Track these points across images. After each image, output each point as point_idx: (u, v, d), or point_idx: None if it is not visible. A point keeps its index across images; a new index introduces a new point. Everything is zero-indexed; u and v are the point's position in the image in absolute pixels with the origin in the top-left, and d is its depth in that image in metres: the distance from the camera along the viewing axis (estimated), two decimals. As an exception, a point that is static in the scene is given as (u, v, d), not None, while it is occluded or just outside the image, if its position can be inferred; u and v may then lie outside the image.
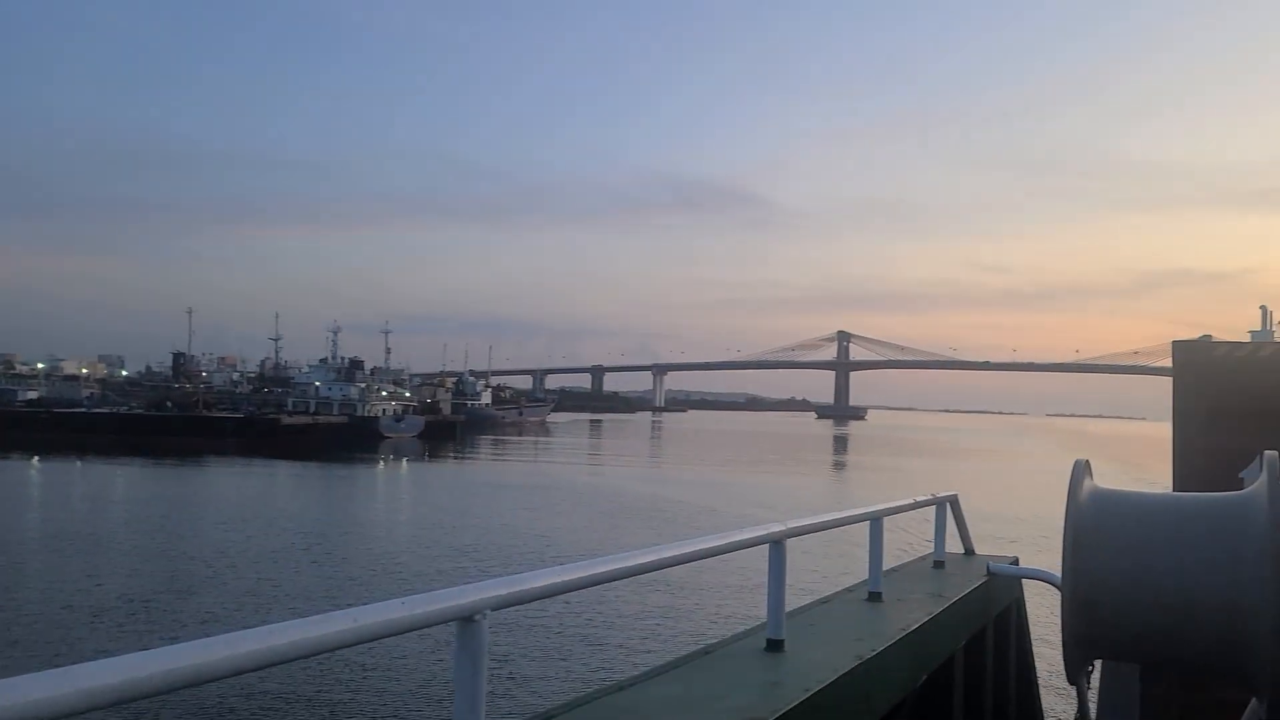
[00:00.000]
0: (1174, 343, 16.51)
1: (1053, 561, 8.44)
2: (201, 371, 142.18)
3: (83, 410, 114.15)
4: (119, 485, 57.49)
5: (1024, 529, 38.75)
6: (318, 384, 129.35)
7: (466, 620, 3.95)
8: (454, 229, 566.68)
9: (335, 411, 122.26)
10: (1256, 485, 5.93)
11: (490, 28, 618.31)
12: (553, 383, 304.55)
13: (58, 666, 2.63)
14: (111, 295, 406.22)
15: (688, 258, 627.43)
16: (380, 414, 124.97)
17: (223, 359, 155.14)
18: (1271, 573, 5.52)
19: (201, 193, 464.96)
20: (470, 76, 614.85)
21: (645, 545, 5.79)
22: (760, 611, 7.19)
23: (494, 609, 4.07)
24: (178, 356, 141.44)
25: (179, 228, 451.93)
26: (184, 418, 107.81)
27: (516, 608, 4.68)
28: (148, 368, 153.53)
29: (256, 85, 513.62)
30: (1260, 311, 20.07)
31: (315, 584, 27.87)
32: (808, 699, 5.73)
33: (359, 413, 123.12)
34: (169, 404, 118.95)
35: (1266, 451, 5.91)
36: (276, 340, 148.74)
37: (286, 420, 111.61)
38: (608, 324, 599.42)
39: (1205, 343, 16.55)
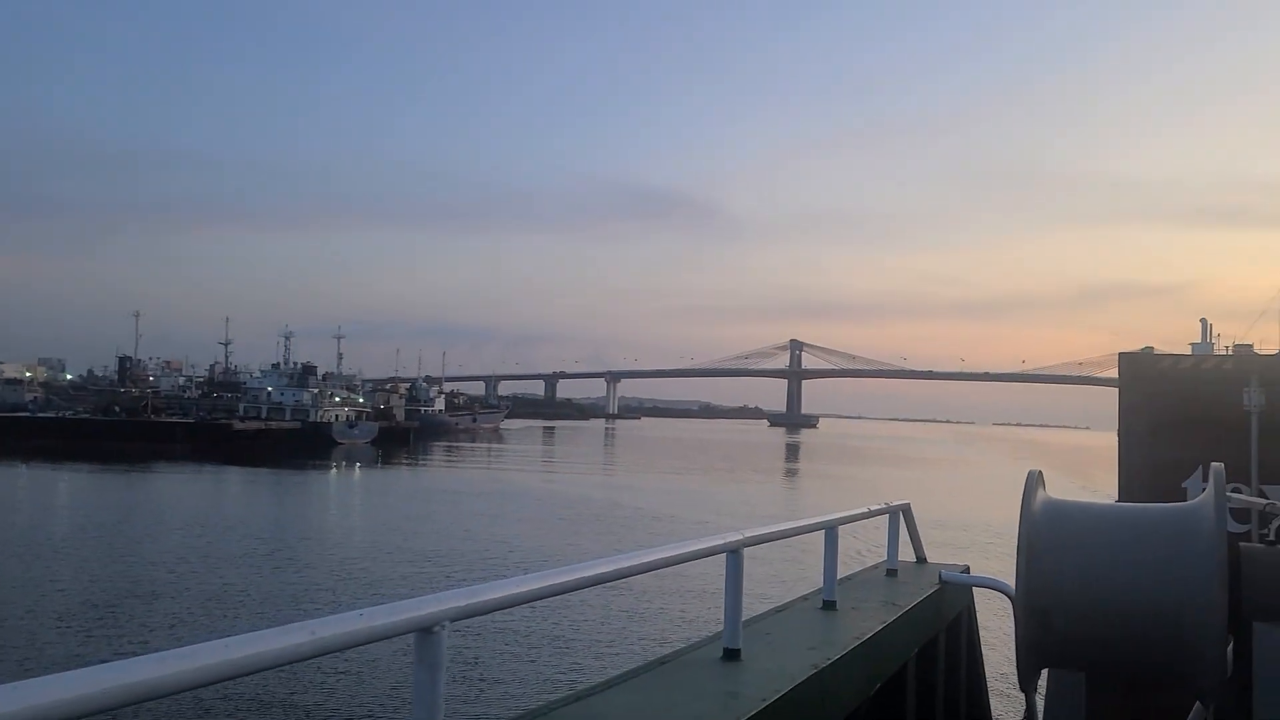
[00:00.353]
0: (1120, 355, 16.75)
1: (1003, 569, 8.57)
2: (148, 375, 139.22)
3: (27, 415, 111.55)
4: (69, 491, 56.32)
5: (974, 535, 39.33)
6: (270, 389, 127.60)
7: (425, 632, 3.94)
8: (407, 234, 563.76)
9: (288, 417, 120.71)
10: (1203, 496, 6.09)
11: (441, 39, 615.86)
12: (506, 389, 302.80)
13: (13, 679, 2.58)
14: (46, 297, 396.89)
15: (643, 266, 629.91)
16: (333, 420, 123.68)
17: (168, 363, 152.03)
18: (1217, 581, 5.67)
19: (142, 194, 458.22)
20: (426, 86, 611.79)
21: (604, 555, 5.81)
22: (718, 616, 7.21)
23: (453, 620, 4.06)
24: (124, 360, 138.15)
25: (116, 228, 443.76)
26: (133, 423, 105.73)
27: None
28: (90, 372, 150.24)
29: (209, 90, 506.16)
30: (1200, 324, 20.47)
31: (279, 589, 27.66)
32: (764, 709, 5.76)
33: (312, 418, 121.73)
34: (116, 409, 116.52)
35: (1214, 463, 6.07)
36: (226, 345, 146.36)
37: (238, 426, 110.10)
38: (562, 331, 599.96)
39: (1150, 355, 16.82)
